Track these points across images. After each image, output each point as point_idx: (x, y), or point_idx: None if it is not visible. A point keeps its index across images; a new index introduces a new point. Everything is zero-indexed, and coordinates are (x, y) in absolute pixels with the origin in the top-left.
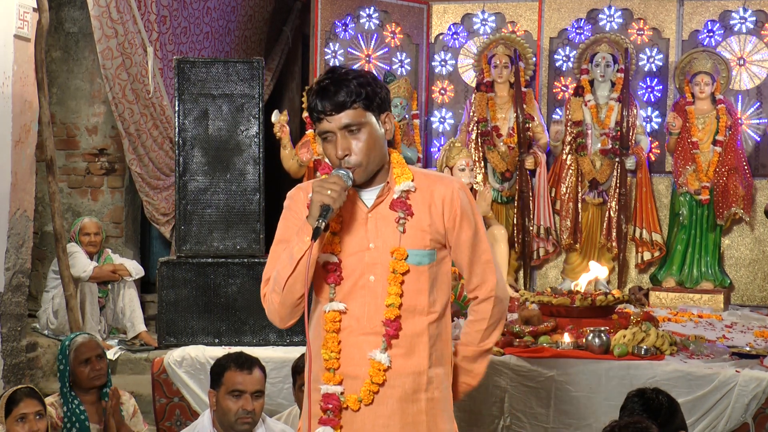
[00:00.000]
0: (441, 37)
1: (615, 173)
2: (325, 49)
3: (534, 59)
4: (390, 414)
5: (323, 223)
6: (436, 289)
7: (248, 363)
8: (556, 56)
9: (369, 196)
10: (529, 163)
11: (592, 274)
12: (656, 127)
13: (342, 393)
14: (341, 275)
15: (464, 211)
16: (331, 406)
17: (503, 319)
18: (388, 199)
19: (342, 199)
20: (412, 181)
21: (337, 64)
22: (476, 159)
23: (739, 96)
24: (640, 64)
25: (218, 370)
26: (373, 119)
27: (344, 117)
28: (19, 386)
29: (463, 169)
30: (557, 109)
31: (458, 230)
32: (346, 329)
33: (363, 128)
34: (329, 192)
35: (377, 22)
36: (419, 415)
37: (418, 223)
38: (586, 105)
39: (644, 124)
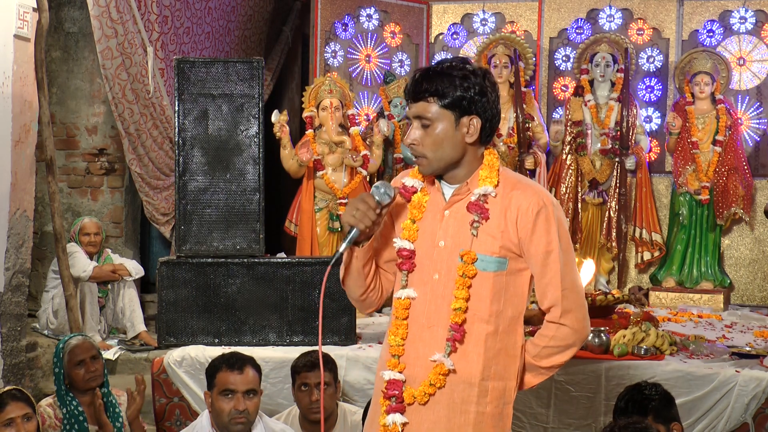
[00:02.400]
0: (441, 37)
1: (615, 173)
2: (325, 49)
3: (534, 59)
4: (436, 420)
5: (345, 246)
6: (504, 300)
7: (239, 363)
8: (556, 56)
9: (450, 192)
10: (529, 163)
11: (586, 273)
12: (656, 127)
13: (404, 381)
14: (414, 263)
15: (539, 226)
16: (396, 392)
17: (569, 348)
18: (466, 199)
19: (370, 218)
20: (496, 186)
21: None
22: None
23: (739, 96)
24: (640, 64)
25: (211, 371)
26: (449, 118)
27: (416, 108)
28: (6, 388)
29: None
30: (557, 109)
31: (529, 242)
32: (411, 319)
33: (434, 123)
34: (354, 213)
35: (377, 22)
36: (465, 427)
37: (491, 228)
38: (586, 105)
39: (644, 124)
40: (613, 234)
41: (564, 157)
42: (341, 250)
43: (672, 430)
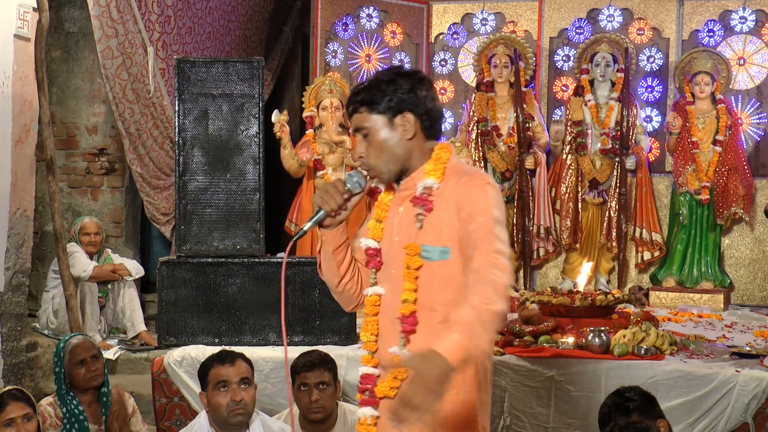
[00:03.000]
0: (441, 36)
1: (615, 173)
2: (325, 49)
3: (534, 59)
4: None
5: (310, 225)
6: (454, 288)
7: (230, 356)
8: (556, 56)
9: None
10: (529, 162)
11: (584, 274)
12: (656, 126)
13: (378, 377)
14: (381, 261)
15: (475, 207)
16: (369, 386)
17: (498, 287)
18: (411, 193)
19: (336, 201)
20: (439, 178)
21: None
22: (476, 159)
23: (739, 96)
24: (640, 63)
25: (203, 370)
26: (383, 121)
27: (353, 121)
28: (6, 388)
29: None
30: (557, 109)
31: (467, 223)
32: (381, 315)
33: (371, 131)
34: (323, 195)
35: (377, 21)
36: (428, 417)
37: (435, 219)
38: (586, 105)
39: (644, 123)
40: (613, 234)
41: (564, 156)
42: (305, 228)
43: (659, 428)
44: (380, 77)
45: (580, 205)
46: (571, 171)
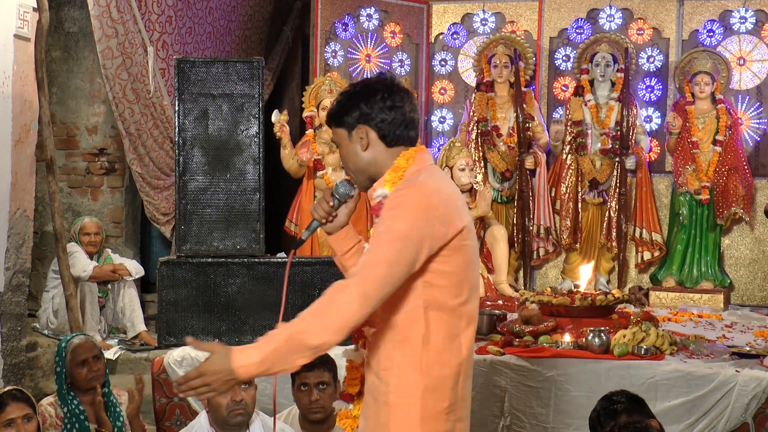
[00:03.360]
0: (441, 36)
1: (615, 173)
2: (325, 49)
3: (534, 59)
4: (364, 406)
5: (307, 234)
6: (395, 295)
7: None
8: (556, 56)
9: None
10: (529, 162)
11: (585, 276)
12: (656, 126)
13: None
14: None
15: (387, 212)
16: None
17: (322, 337)
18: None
19: (326, 210)
20: (391, 187)
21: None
22: (476, 159)
23: (739, 96)
24: (640, 63)
25: None
26: (344, 135)
27: (331, 135)
28: (6, 389)
29: (463, 169)
30: (557, 109)
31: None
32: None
33: (339, 145)
34: (314, 205)
35: (377, 22)
36: (374, 416)
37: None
38: (586, 105)
39: (644, 123)
40: (613, 234)
41: (564, 156)
42: (302, 237)
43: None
44: (345, 91)
45: (580, 205)
46: (571, 171)
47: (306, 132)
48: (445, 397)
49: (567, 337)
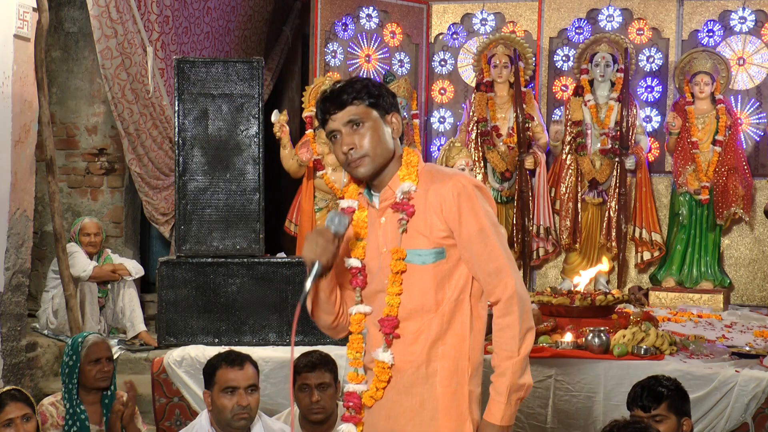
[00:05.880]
0: (441, 36)
1: (615, 173)
2: (325, 49)
3: (534, 59)
4: (391, 406)
5: (312, 282)
6: (448, 286)
7: (239, 359)
8: (555, 56)
9: (378, 200)
10: (528, 163)
11: (585, 277)
12: (656, 127)
13: (362, 392)
14: (365, 279)
15: (463, 208)
16: (351, 404)
17: (532, 321)
18: (392, 202)
19: (330, 251)
20: (415, 181)
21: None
22: (476, 159)
23: (739, 96)
24: (639, 63)
25: (210, 369)
26: (377, 116)
27: (347, 113)
28: (5, 389)
29: (462, 169)
30: (557, 109)
31: (459, 227)
32: (370, 331)
33: (366, 122)
34: (315, 248)
35: (377, 22)
36: (417, 408)
37: (418, 223)
38: (585, 105)
39: (644, 124)
40: (613, 234)
41: (564, 157)
42: (308, 287)
43: (682, 425)
44: (355, 81)
45: (579, 205)
46: (570, 171)
47: (306, 132)
48: (480, 383)
49: (567, 337)
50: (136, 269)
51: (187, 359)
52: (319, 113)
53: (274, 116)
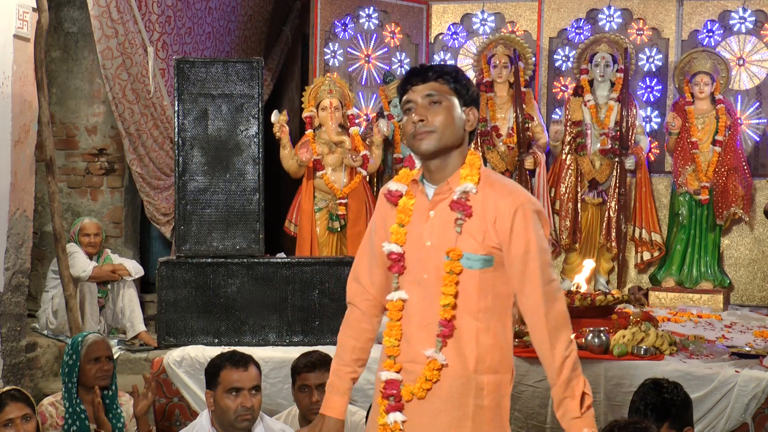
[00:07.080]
0: (440, 37)
1: (614, 173)
2: (325, 49)
3: (533, 59)
4: (435, 413)
5: None
6: (492, 296)
7: (243, 360)
8: (555, 56)
9: (432, 192)
10: (528, 163)
11: (586, 271)
12: (656, 127)
13: (401, 381)
14: (404, 265)
15: (517, 225)
16: (394, 392)
17: (570, 342)
18: (449, 198)
19: None
20: (476, 184)
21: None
22: None
23: (739, 96)
24: (639, 64)
25: (213, 370)
26: (457, 102)
27: (428, 87)
28: (5, 389)
29: None
30: (557, 109)
31: (509, 243)
32: (405, 320)
33: (445, 102)
34: None
35: (377, 22)
36: (464, 421)
37: (473, 226)
38: (585, 105)
39: (644, 124)
40: (613, 234)
41: (564, 157)
42: None
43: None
44: (458, 68)
45: (579, 206)
46: (570, 171)
47: (305, 132)
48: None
49: None
50: (135, 269)
51: (186, 359)
52: (401, 85)
53: (274, 116)
